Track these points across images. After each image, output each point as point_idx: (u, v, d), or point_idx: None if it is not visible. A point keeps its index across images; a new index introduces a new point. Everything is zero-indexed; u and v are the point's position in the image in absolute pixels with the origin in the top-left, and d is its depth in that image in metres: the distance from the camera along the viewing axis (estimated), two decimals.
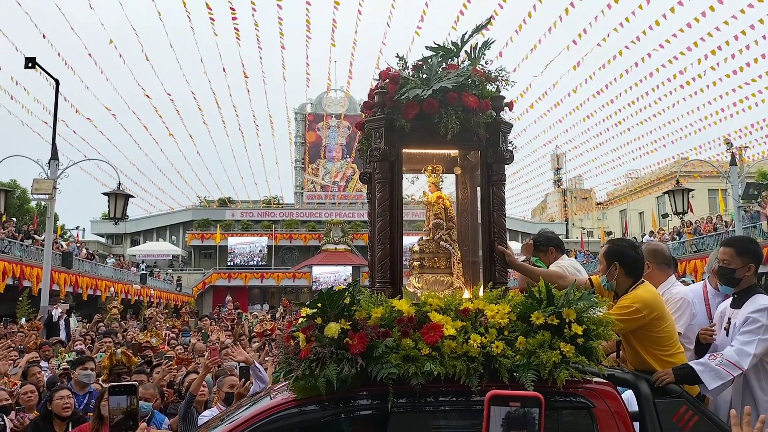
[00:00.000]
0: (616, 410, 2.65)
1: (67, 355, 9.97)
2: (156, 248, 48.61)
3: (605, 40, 22.16)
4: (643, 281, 3.25)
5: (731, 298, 3.56)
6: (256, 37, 23.46)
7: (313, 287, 44.24)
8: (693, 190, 20.23)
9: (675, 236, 29.09)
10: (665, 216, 34.72)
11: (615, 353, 3.36)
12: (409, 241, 3.53)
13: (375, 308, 2.73)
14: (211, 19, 23.43)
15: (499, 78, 3.30)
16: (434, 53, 3.34)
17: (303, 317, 2.80)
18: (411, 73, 3.23)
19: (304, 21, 22.16)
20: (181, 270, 48.76)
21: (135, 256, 46.64)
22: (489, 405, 1.59)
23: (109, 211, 16.69)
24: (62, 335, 17.31)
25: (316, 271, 45.88)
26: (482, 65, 3.32)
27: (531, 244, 4.55)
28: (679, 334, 3.48)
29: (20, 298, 22.38)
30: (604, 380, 2.75)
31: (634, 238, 34.70)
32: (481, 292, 3.05)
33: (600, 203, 52.62)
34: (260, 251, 49.17)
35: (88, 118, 28.30)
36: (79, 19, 24.43)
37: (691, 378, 3.04)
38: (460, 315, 2.77)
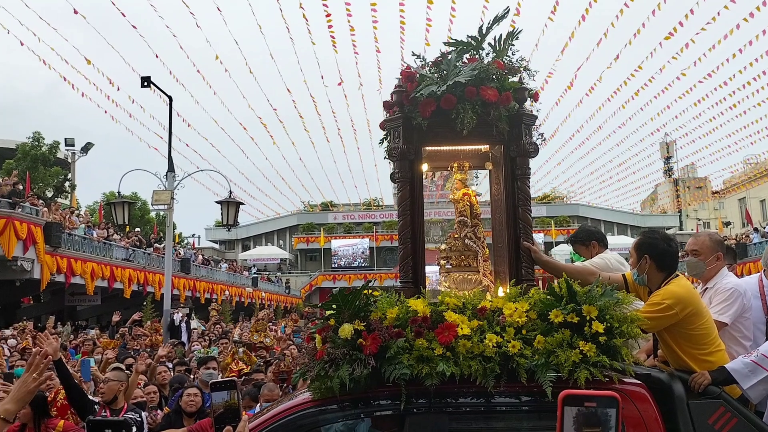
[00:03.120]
0: (646, 413, 2.51)
1: (207, 350, 10.75)
2: (265, 252, 51.01)
3: (715, 20, 20.71)
4: (677, 275, 3.04)
5: None
6: (352, 42, 24.00)
7: None
8: None
9: None
10: None
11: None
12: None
13: (390, 308, 2.74)
14: (308, 29, 24.32)
15: (522, 68, 3.20)
16: (454, 48, 3.28)
17: (320, 319, 2.85)
18: (431, 70, 3.19)
19: (398, 23, 22.30)
20: (289, 273, 50.83)
21: (246, 260, 49.10)
22: (562, 405, 1.55)
23: (222, 218, 17.41)
24: (183, 337, 18.54)
25: None
26: (508, 56, 3.23)
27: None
28: (725, 324, 3.27)
29: (144, 303, 24.28)
30: (636, 381, 2.62)
31: (757, 227, 32.08)
32: (508, 290, 2.98)
33: (716, 192, 49.08)
34: (363, 253, 50.24)
35: (203, 137, 30.23)
36: (187, 38, 26.15)
37: (726, 379, 2.83)
38: (477, 314, 2.73)
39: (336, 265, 50.33)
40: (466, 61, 3.21)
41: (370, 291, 2.83)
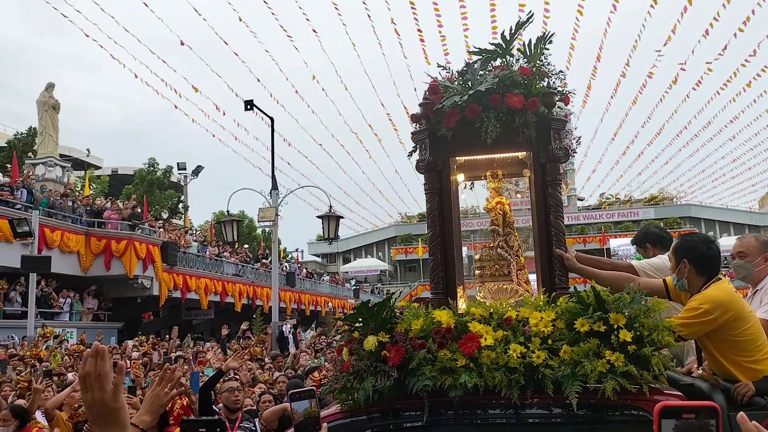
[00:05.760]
0: None
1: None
2: (365, 264, 52.01)
3: None
4: (719, 278, 2.85)
5: None
6: (443, 51, 24.04)
7: None
8: None
9: None
10: None
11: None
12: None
13: (415, 320, 2.73)
14: (400, 43, 24.72)
15: (550, 73, 3.13)
16: (480, 57, 3.23)
17: (345, 331, 2.90)
18: (457, 80, 3.17)
19: (489, 29, 22.10)
20: (389, 284, 51.41)
21: (347, 272, 50.23)
22: (659, 418, 1.52)
23: (323, 232, 17.84)
24: (291, 348, 19.23)
25: None
26: (540, 61, 3.17)
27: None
28: None
29: (254, 316, 25.41)
30: (676, 392, 2.48)
31: None
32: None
33: None
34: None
35: (304, 155, 31.34)
36: (286, 61, 27.32)
37: None
38: (502, 324, 2.68)
39: None
40: (492, 69, 3.17)
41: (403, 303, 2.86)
